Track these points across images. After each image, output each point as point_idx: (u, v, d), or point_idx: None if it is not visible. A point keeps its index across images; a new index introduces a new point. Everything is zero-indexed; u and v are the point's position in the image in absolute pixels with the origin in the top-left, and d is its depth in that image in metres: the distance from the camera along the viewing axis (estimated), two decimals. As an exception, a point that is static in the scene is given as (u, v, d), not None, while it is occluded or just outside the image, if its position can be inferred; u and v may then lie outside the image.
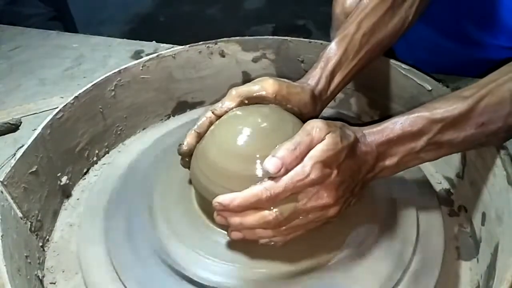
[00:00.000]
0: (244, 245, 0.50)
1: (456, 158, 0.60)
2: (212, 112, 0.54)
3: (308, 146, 0.44)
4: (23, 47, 1.03)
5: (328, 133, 0.44)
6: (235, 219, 0.46)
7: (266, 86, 0.53)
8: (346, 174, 0.45)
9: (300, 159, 0.43)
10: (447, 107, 0.46)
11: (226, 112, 0.53)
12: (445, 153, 0.49)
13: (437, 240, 0.53)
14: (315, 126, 0.44)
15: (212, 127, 0.53)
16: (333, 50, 0.59)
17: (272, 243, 0.47)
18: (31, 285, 0.50)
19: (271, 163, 0.43)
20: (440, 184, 0.63)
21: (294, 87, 0.55)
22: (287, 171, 0.43)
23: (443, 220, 0.56)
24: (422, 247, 0.52)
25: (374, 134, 0.47)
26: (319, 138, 0.44)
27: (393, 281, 0.48)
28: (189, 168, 0.55)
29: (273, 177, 0.43)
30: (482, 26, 0.75)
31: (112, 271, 0.51)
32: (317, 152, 0.43)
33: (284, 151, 0.43)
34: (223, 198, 0.45)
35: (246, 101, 0.54)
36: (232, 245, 0.51)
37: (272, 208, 0.44)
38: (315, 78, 0.58)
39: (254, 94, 0.53)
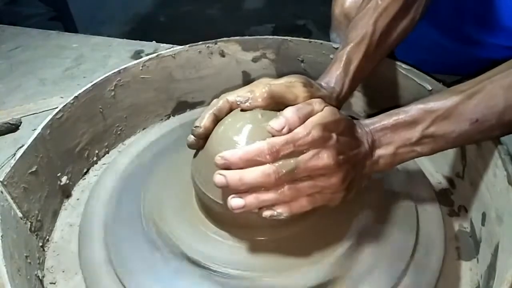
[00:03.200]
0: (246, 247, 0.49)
1: (456, 158, 0.60)
2: (238, 103, 0.51)
3: (310, 113, 0.46)
4: (23, 47, 1.03)
5: (326, 106, 0.47)
6: (235, 176, 0.44)
7: (298, 93, 0.50)
8: (345, 147, 0.46)
9: (302, 121, 0.45)
10: (441, 99, 0.48)
11: (253, 108, 0.51)
12: (440, 147, 0.50)
13: (437, 240, 0.53)
14: (315, 101, 0.47)
15: (218, 128, 0.52)
16: (354, 51, 0.58)
17: (276, 214, 0.45)
18: (31, 285, 0.50)
19: (276, 122, 0.45)
20: (440, 184, 0.63)
21: (324, 96, 0.53)
22: (290, 131, 0.44)
23: (443, 220, 0.56)
24: (422, 247, 0.52)
25: (370, 122, 0.49)
26: (319, 109, 0.46)
27: (393, 281, 0.48)
28: (196, 148, 0.53)
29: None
30: (482, 25, 0.75)
31: (112, 271, 0.51)
32: (318, 116, 0.45)
33: (289, 112, 0.45)
34: (224, 153, 0.45)
35: (273, 104, 0.51)
36: (234, 247, 0.51)
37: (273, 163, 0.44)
38: (339, 83, 0.57)
39: (285, 101, 0.50)
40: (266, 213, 0.45)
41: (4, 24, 1.15)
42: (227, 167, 0.44)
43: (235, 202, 0.44)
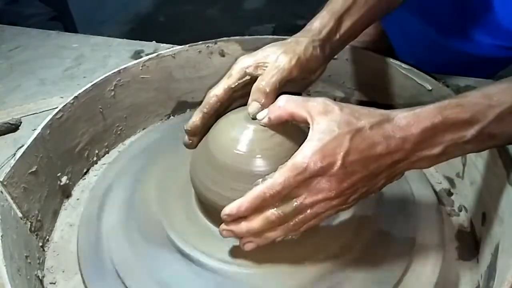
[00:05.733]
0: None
1: (456, 158, 0.60)
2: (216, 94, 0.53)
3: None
4: (23, 47, 1.02)
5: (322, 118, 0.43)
6: (242, 228, 0.45)
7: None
8: (357, 164, 0.41)
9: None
10: (507, 92, 0.42)
11: (232, 89, 0.53)
12: (493, 146, 0.46)
13: (437, 240, 0.53)
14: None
15: (215, 127, 0.53)
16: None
17: (289, 237, 0.46)
18: (31, 285, 0.50)
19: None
20: (440, 184, 0.63)
21: (304, 66, 0.53)
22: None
23: (443, 220, 0.56)
24: (422, 247, 0.52)
25: (412, 120, 0.42)
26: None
27: (393, 281, 0.48)
28: (192, 147, 0.55)
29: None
30: (479, 25, 0.75)
31: (112, 271, 0.51)
32: (313, 141, 0.42)
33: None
34: (230, 208, 0.44)
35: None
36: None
37: (275, 206, 0.44)
38: (324, 19, 0.56)
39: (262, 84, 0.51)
40: (278, 239, 0.46)
41: (4, 24, 1.15)
42: (235, 221, 0.45)
43: (248, 246, 0.46)
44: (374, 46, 0.73)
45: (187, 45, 0.75)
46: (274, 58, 0.53)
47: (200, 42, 0.75)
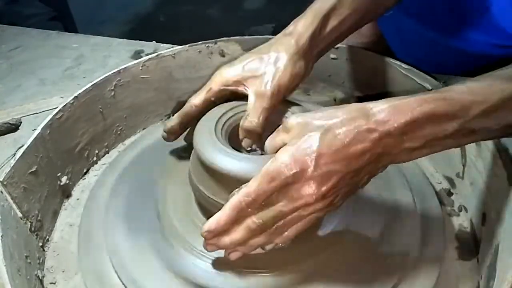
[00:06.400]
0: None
1: (456, 158, 0.60)
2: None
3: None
4: (23, 47, 1.02)
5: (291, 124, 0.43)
6: (225, 241, 0.44)
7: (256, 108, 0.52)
8: (333, 164, 0.40)
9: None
10: (491, 89, 0.41)
11: (212, 101, 0.56)
12: (474, 141, 0.46)
13: (437, 240, 0.53)
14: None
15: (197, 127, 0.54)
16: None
17: (275, 246, 0.45)
18: (31, 285, 0.50)
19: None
20: (440, 184, 0.63)
21: (288, 83, 0.54)
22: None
23: (443, 220, 0.56)
24: (422, 247, 0.52)
25: (392, 115, 0.40)
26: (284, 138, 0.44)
27: (393, 281, 0.48)
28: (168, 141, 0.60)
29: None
30: (474, 23, 0.75)
31: (112, 271, 0.51)
32: (286, 146, 0.41)
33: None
34: (209, 225, 0.44)
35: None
36: None
37: (255, 214, 0.43)
38: (308, 19, 0.55)
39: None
40: (267, 248, 0.45)
41: (4, 24, 1.15)
42: (217, 235, 0.44)
43: (234, 255, 0.46)
44: (372, 48, 0.73)
45: (187, 45, 0.75)
46: (256, 85, 0.53)
47: (200, 42, 0.75)
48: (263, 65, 0.54)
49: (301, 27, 0.55)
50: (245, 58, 0.56)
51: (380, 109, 0.40)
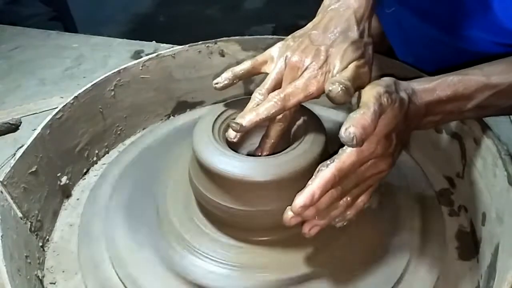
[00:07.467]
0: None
1: (456, 158, 0.60)
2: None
3: (379, 115, 0.44)
4: (23, 47, 1.03)
5: (390, 105, 0.45)
6: (311, 211, 0.43)
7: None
8: (400, 137, 0.47)
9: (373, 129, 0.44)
10: (505, 73, 0.48)
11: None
12: (488, 115, 0.52)
13: (437, 240, 0.53)
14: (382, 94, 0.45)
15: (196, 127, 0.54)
16: None
17: (346, 221, 0.47)
18: (31, 285, 0.50)
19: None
20: (440, 184, 0.63)
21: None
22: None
23: (443, 220, 0.56)
24: (422, 247, 0.52)
25: (426, 92, 0.48)
26: (385, 109, 0.45)
27: (393, 281, 0.48)
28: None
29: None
30: (476, 21, 0.75)
31: (112, 271, 0.51)
32: (381, 127, 0.44)
33: (363, 121, 0.43)
34: (303, 200, 0.42)
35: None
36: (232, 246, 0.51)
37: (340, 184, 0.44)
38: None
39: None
40: (339, 224, 0.47)
41: (4, 24, 1.15)
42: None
43: (314, 230, 0.46)
44: (375, 48, 0.73)
45: (187, 45, 0.75)
46: None
47: (200, 42, 0.75)
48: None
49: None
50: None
51: (420, 88, 0.48)
